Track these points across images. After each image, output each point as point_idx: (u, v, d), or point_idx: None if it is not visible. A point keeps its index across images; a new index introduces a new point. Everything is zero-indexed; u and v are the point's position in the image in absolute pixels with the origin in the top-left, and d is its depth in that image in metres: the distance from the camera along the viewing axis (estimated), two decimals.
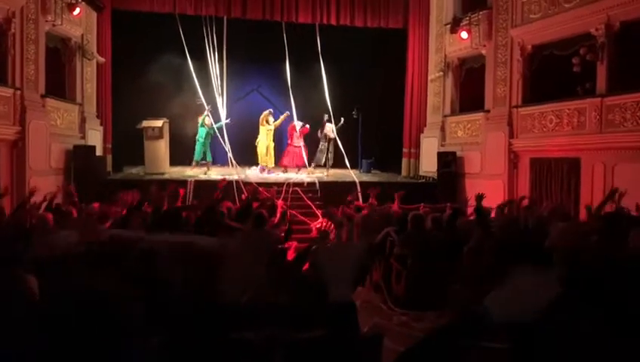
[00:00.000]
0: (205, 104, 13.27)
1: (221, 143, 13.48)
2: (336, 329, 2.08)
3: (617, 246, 3.72)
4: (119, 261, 3.12)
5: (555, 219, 5.66)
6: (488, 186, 11.57)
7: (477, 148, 12.65)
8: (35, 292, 2.64)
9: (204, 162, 13.14)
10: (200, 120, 12.99)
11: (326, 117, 13.86)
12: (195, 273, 3.20)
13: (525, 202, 7.82)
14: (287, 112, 13.86)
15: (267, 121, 13.44)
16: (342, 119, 13.81)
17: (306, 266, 3.91)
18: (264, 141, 13.44)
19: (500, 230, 5.29)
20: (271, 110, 13.76)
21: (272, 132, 13.56)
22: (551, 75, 11.19)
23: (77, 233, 4.86)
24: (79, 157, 11.47)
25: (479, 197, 6.10)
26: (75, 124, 12.31)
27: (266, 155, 13.46)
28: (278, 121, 13.70)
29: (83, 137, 12.40)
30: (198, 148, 13.09)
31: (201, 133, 13.03)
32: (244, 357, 2.36)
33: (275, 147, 13.75)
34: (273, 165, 13.63)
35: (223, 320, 2.46)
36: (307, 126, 13.73)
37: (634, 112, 9.27)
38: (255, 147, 13.61)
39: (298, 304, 2.48)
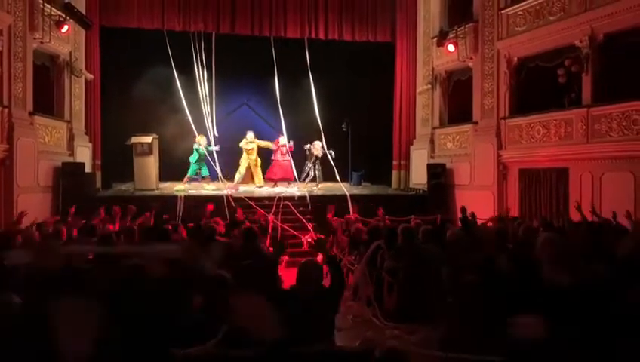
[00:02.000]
0: (189, 115, 13.27)
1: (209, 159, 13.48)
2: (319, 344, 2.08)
3: (603, 256, 3.75)
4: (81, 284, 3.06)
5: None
6: (478, 197, 11.68)
7: (466, 160, 12.73)
8: None
9: (196, 177, 13.10)
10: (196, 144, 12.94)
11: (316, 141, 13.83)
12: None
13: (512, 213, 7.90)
14: (273, 144, 13.77)
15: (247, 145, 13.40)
16: (332, 152, 13.63)
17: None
18: (244, 161, 13.45)
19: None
20: (251, 134, 13.54)
21: (255, 150, 13.46)
22: (537, 86, 11.33)
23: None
24: (68, 175, 11.38)
25: (463, 210, 6.20)
26: (63, 141, 12.23)
27: (242, 174, 13.42)
28: (262, 143, 13.63)
29: (72, 154, 12.32)
30: (192, 166, 13.07)
31: (195, 154, 12.99)
32: None
33: (262, 163, 13.71)
34: (261, 183, 13.57)
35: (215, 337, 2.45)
36: (291, 144, 13.71)
37: (619, 122, 9.39)
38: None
39: (289, 320, 2.47)
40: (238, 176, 13.47)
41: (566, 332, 2.24)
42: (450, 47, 12.87)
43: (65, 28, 11.52)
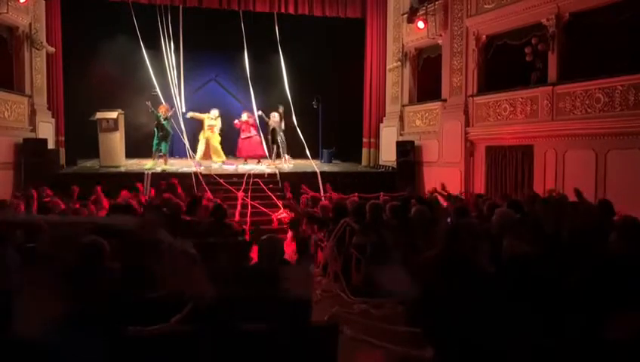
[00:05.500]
0: (159, 91, 12.88)
1: (179, 135, 13.26)
2: (288, 320, 2.09)
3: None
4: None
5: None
6: (446, 174, 11.84)
7: (434, 137, 12.85)
8: None
9: (160, 154, 12.84)
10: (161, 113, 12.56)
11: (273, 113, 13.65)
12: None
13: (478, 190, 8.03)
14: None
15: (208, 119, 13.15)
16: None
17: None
18: (203, 137, 13.21)
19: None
20: (215, 110, 13.31)
21: (216, 128, 13.18)
22: (505, 64, 11.44)
23: None
24: (30, 151, 11.06)
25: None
26: (24, 117, 11.84)
27: (202, 149, 13.21)
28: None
29: (34, 130, 11.94)
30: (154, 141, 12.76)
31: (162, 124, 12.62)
32: (188, 348, 2.35)
33: (222, 141, 13.44)
34: (220, 161, 13.31)
35: (164, 311, 2.44)
36: (252, 116, 13.53)
37: (583, 100, 9.58)
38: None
39: (249, 295, 2.48)
40: (199, 152, 13.26)
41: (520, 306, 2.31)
42: (420, 24, 12.87)
43: None
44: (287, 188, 11.08)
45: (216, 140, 13.30)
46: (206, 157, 13.36)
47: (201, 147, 13.28)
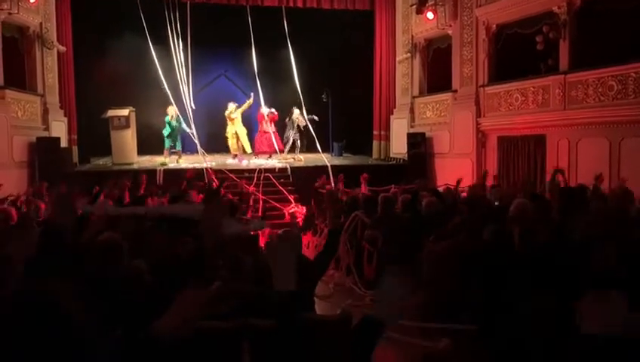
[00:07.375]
0: (172, 101, 12.93)
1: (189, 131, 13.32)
2: (289, 316, 2.10)
3: (577, 218, 3.83)
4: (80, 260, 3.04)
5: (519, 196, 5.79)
6: (457, 165, 11.79)
7: (445, 128, 12.78)
8: None
9: (174, 150, 12.89)
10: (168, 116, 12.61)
11: (294, 108, 13.71)
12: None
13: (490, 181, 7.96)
14: (251, 98, 13.50)
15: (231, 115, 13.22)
16: (314, 117, 13.72)
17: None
18: (232, 131, 13.25)
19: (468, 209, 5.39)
20: (232, 104, 13.32)
21: (239, 119, 13.30)
22: (516, 53, 11.33)
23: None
24: (43, 150, 11.18)
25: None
26: (37, 116, 11.96)
27: (237, 143, 13.26)
28: (243, 107, 13.44)
29: (46, 129, 12.06)
30: (165, 139, 12.80)
31: (167, 128, 12.62)
32: (212, 346, 2.37)
33: (247, 133, 13.51)
34: (250, 151, 13.40)
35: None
36: (274, 112, 13.54)
37: (595, 88, 9.47)
38: (226, 138, 13.41)
39: (265, 292, 2.49)
40: (232, 148, 13.31)
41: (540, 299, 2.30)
42: (430, 15, 12.77)
43: None
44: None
45: (244, 133, 13.30)
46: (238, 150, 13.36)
47: (232, 142, 13.28)
